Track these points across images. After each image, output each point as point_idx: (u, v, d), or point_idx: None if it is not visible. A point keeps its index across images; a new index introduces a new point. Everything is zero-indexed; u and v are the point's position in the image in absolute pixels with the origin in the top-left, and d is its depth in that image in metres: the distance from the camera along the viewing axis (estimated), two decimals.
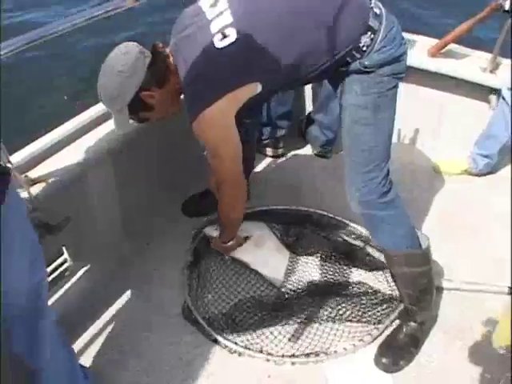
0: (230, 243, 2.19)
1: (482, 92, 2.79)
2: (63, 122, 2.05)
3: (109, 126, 2.09)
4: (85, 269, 2.23)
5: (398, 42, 1.65)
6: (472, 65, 2.83)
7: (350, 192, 1.83)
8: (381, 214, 1.81)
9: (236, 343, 1.96)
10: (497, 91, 2.70)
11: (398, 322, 2.03)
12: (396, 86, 1.71)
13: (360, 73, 1.65)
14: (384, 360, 1.92)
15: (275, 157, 3.00)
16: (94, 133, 2.06)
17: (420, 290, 1.92)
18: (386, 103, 1.71)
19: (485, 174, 2.90)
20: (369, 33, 1.60)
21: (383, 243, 1.91)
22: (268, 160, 2.99)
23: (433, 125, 2.94)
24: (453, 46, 2.87)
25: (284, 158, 3.02)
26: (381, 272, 2.22)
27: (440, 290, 2.18)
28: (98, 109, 2.12)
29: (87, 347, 1.96)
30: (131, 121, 1.85)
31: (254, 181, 2.52)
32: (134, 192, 2.30)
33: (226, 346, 1.96)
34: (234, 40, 1.59)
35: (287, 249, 2.31)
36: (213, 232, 2.25)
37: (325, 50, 1.61)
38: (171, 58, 1.75)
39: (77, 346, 1.94)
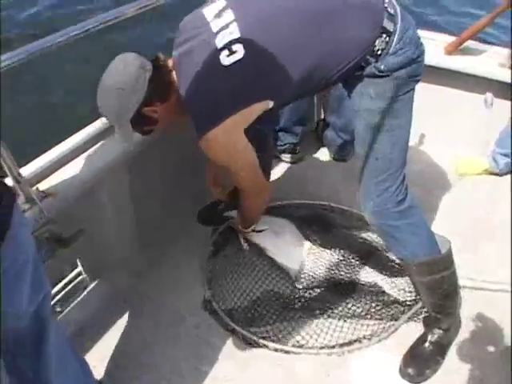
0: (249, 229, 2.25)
1: (502, 89, 2.71)
2: (75, 132, 2.00)
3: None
4: (100, 281, 2.20)
5: (414, 43, 1.56)
6: (490, 61, 2.76)
7: (362, 202, 1.76)
8: (396, 223, 1.73)
9: (256, 335, 1.98)
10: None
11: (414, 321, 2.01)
12: (413, 89, 1.63)
13: (375, 77, 1.57)
14: (409, 370, 1.85)
15: (293, 163, 2.95)
16: (107, 142, 2.01)
17: (443, 297, 1.84)
18: (402, 108, 1.63)
19: (506, 174, 2.82)
20: (384, 35, 1.51)
21: (399, 253, 1.82)
22: (286, 166, 2.93)
23: (452, 124, 2.86)
24: (470, 43, 2.79)
25: (302, 164, 2.96)
26: (399, 277, 2.16)
27: (466, 290, 2.11)
28: None
29: (102, 360, 1.93)
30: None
31: (272, 187, 2.47)
32: (148, 203, 2.27)
33: (248, 342, 1.97)
34: (241, 57, 1.50)
35: (307, 241, 2.30)
36: (234, 213, 2.27)
37: (338, 59, 1.54)
38: (174, 73, 1.66)
39: (92, 359, 1.89)
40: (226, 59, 1.51)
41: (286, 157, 2.93)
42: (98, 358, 1.92)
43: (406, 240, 1.76)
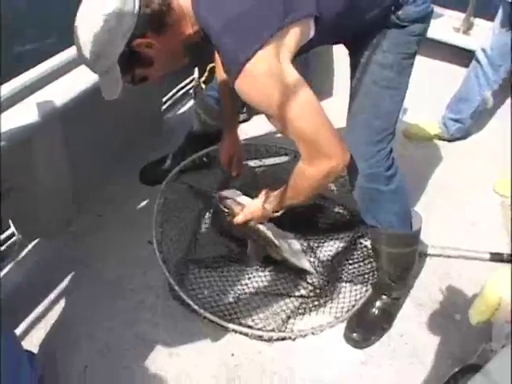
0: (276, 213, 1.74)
1: (456, 53, 2.69)
2: (6, 80, 1.84)
3: (58, 85, 1.92)
4: (35, 245, 2.09)
5: None
6: (444, 25, 2.72)
7: (355, 162, 1.60)
8: (383, 188, 1.65)
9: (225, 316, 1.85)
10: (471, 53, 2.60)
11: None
12: (417, 51, 1.56)
13: (391, 27, 1.49)
14: (354, 335, 1.84)
15: (241, 122, 2.84)
16: (41, 94, 1.86)
17: (403, 269, 1.83)
18: (408, 67, 1.56)
19: (456, 139, 2.83)
20: None
21: (375, 220, 1.74)
22: None
23: None
24: None
25: (248, 123, 2.87)
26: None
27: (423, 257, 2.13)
28: (49, 65, 1.93)
29: (36, 328, 1.82)
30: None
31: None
32: (85, 160, 2.13)
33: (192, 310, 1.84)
34: None
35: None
36: (238, 197, 1.90)
37: None
38: None
39: (25, 326, 1.82)
40: None
41: None
42: (31, 326, 1.82)
43: (386, 207, 1.70)
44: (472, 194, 2.49)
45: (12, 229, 2.03)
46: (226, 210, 1.88)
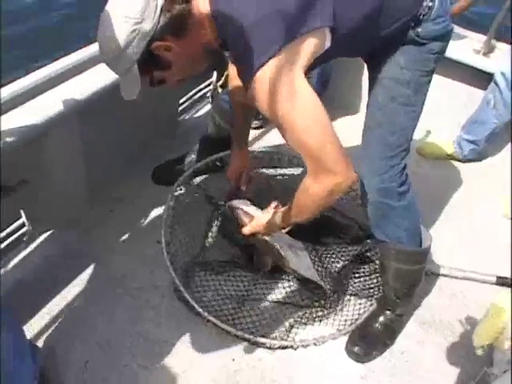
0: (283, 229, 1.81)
1: (475, 75, 2.68)
2: (28, 73, 1.86)
3: (78, 80, 1.94)
4: (45, 237, 2.10)
5: (449, 15, 1.50)
6: (465, 46, 2.72)
7: (367, 177, 1.63)
8: (394, 204, 1.65)
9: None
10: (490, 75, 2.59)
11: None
12: (435, 68, 1.56)
13: (409, 43, 1.49)
14: (356, 349, 1.83)
15: (257, 128, 2.86)
16: (61, 88, 1.89)
17: (410, 286, 1.82)
18: (425, 84, 1.56)
19: (470, 161, 2.81)
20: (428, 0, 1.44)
21: (386, 235, 1.73)
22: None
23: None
24: None
25: (264, 130, 2.88)
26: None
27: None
28: (69, 60, 1.95)
29: (40, 321, 1.83)
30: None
31: None
32: (101, 156, 2.15)
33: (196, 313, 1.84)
34: None
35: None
36: (248, 208, 1.93)
37: (395, 11, 1.41)
38: (201, 2, 1.34)
39: (30, 318, 1.83)
40: None
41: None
42: (37, 318, 1.84)
43: (396, 222, 1.70)
44: (483, 216, 2.48)
45: (23, 219, 2.05)
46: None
